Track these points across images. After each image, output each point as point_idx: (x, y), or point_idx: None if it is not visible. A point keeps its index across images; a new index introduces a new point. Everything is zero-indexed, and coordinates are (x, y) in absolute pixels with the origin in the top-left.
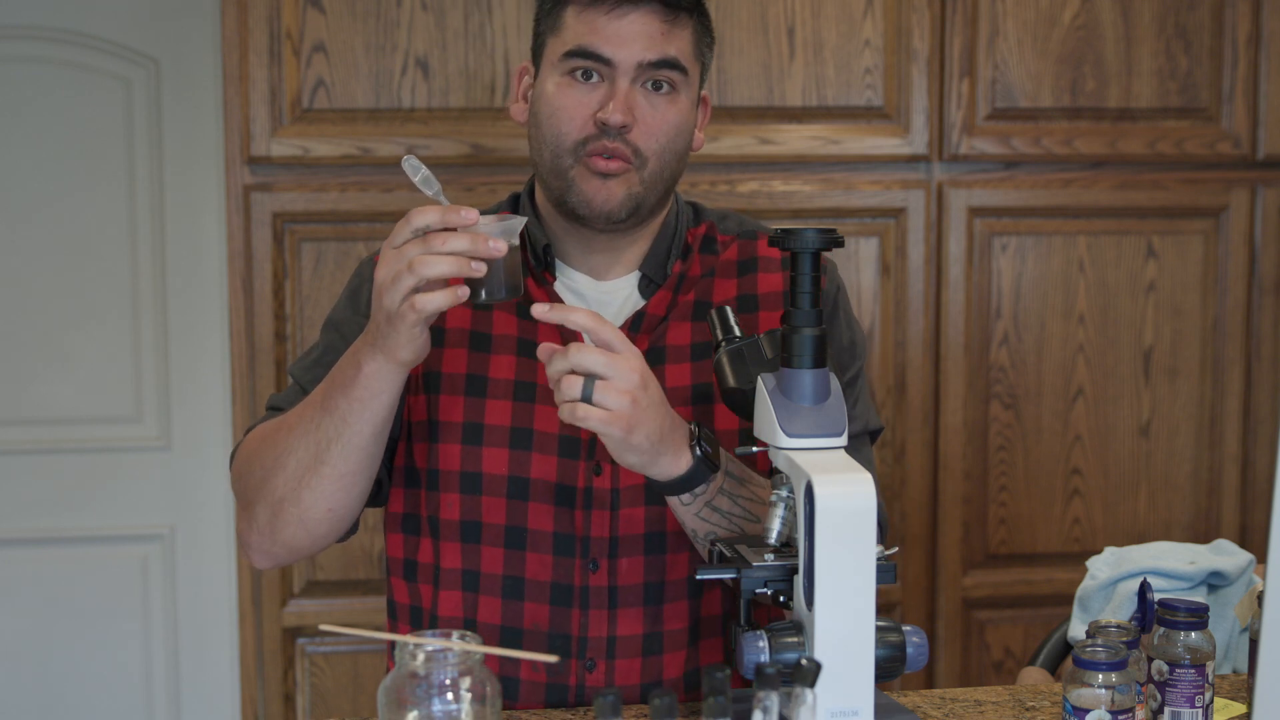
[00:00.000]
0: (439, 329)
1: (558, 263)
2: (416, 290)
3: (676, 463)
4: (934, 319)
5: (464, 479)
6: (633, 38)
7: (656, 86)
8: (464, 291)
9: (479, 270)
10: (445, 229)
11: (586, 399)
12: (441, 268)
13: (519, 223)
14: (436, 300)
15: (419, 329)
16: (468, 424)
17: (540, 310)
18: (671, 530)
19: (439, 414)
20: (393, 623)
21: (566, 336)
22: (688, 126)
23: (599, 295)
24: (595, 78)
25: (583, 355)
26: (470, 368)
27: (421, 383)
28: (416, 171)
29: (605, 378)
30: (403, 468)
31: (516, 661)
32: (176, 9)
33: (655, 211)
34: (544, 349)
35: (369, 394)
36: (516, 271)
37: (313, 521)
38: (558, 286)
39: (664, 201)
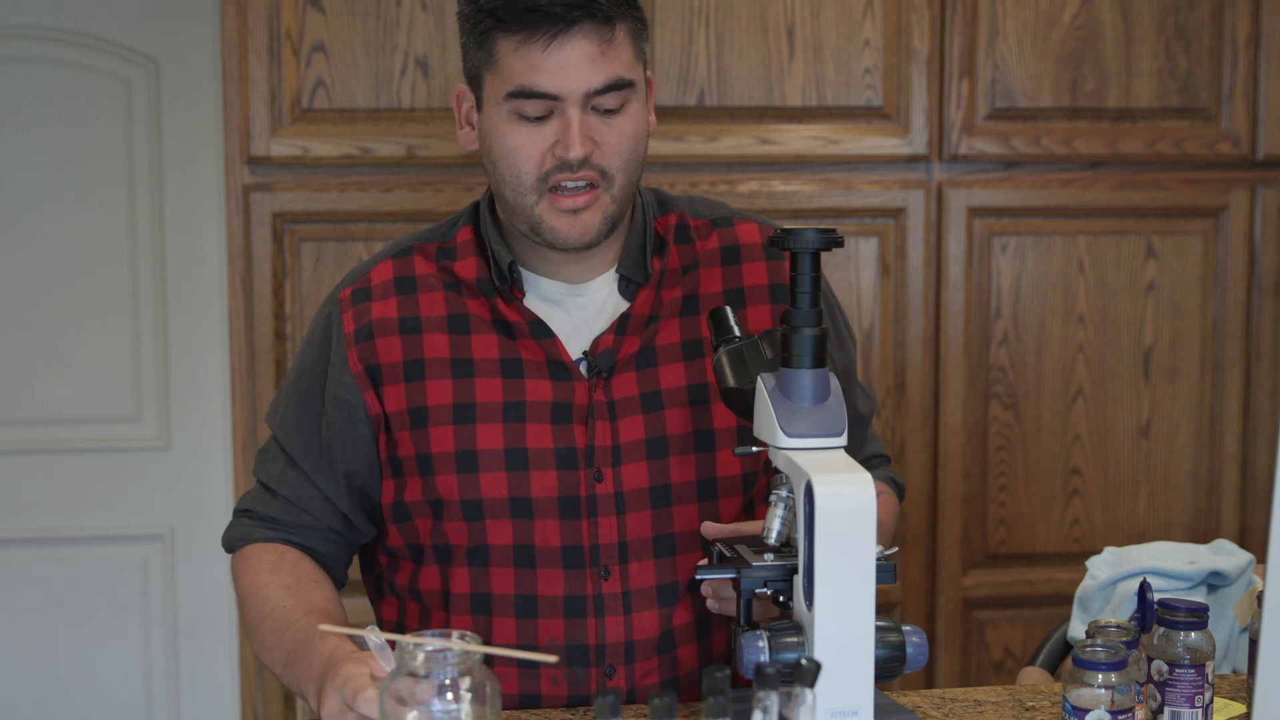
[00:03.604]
0: (419, 360)
1: (526, 274)
2: None
3: None
4: (934, 319)
5: (465, 507)
6: (574, 68)
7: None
8: None
9: None
10: None
11: None
12: None
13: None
14: None
15: None
16: (461, 452)
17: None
18: (679, 531)
19: (431, 446)
20: None
21: (552, 363)
22: (645, 128)
23: (575, 300)
24: (544, 111)
25: None
26: (456, 396)
27: (408, 419)
28: (380, 651)
29: None
30: (392, 504)
31: (537, 676)
32: (176, 9)
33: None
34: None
35: None
36: None
37: None
38: (529, 300)
39: (631, 202)
